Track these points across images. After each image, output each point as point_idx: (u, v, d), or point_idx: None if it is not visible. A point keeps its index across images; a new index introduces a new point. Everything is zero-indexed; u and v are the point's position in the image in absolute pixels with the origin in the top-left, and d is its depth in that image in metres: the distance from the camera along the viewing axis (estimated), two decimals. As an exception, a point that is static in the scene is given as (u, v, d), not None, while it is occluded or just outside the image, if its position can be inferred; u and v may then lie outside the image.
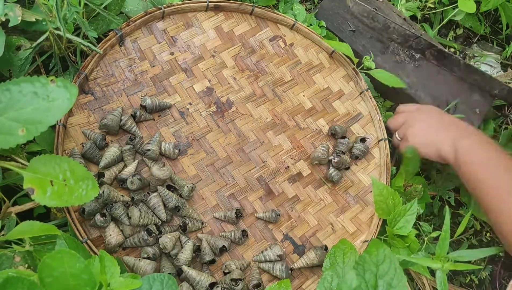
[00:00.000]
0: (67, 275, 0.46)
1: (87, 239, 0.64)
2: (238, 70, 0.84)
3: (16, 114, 0.47)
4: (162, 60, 0.80)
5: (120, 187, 0.70)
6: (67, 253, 0.46)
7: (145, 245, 0.67)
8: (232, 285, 0.67)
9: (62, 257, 0.46)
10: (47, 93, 0.46)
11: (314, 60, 0.89)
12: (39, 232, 0.53)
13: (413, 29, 0.95)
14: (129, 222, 0.67)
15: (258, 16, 0.88)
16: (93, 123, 0.73)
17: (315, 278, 0.74)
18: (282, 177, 0.79)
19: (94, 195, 0.51)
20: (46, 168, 0.50)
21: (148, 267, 0.64)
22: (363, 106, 0.88)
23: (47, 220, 0.69)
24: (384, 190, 0.76)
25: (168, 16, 0.82)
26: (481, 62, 1.03)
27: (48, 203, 0.49)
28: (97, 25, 0.78)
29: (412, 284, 0.79)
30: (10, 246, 0.57)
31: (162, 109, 0.77)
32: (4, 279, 0.46)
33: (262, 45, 0.87)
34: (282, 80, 0.86)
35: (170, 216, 0.71)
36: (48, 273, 0.45)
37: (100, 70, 0.76)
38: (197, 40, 0.83)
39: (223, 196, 0.75)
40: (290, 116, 0.84)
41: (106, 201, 0.66)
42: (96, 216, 0.65)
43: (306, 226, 0.77)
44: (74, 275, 0.46)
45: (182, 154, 0.76)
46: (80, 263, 0.46)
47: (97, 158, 0.69)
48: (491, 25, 1.07)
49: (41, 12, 0.66)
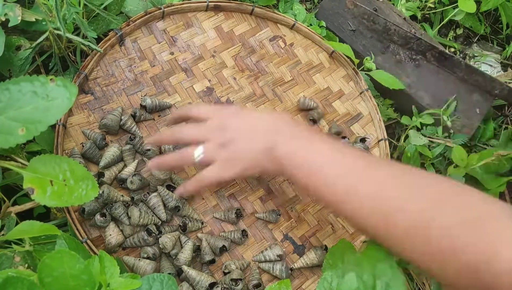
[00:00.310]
0: (67, 275, 0.46)
1: (87, 239, 0.64)
2: (238, 70, 0.84)
3: (16, 113, 0.47)
4: (162, 60, 0.80)
5: (120, 187, 0.70)
6: (67, 254, 0.46)
7: (145, 245, 0.67)
8: (232, 285, 0.67)
9: (61, 257, 0.46)
10: (47, 92, 0.47)
11: (314, 60, 0.89)
12: (39, 232, 0.53)
13: (413, 29, 0.95)
14: (129, 222, 0.67)
15: (258, 16, 0.88)
16: (93, 123, 0.73)
17: (315, 278, 0.74)
18: (282, 177, 0.79)
19: (94, 195, 0.51)
20: (46, 168, 0.50)
21: (148, 267, 0.64)
22: (363, 106, 0.88)
23: (47, 220, 0.69)
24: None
25: (168, 16, 0.82)
26: (481, 62, 1.03)
27: (48, 203, 0.49)
28: (97, 25, 0.78)
29: (412, 284, 0.79)
30: (10, 246, 0.57)
31: (162, 109, 0.77)
32: (4, 279, 0.46)
33: (262, 45, 0.87)
34: (282, 80, 0.86)
35: (170, 216, 0.71)
36: (47, 273, 0.45)
37: (100, 70, 0.76)
38: (197, 40, 0.83)
39: (223, 196, 0.75)
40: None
41: (106, 201, 0.66)
42: (96, 216, 0.65)
43: (306, 226, 0.77)
44: (74, 276, 0.46)
45: (182, 154, 0.76)
46: (80, 263, 0.46)
47: (97, 158, 0.69)
48: (491, 25, 1.07)
49: (41, 12, 0.67)
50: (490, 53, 1.04)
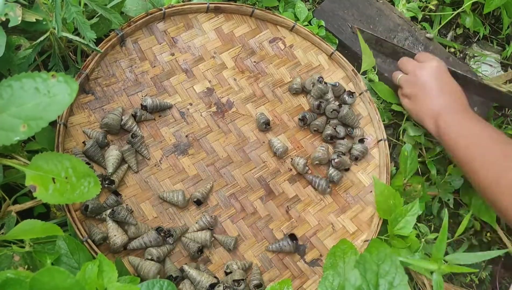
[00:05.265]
0: (59, 289, 0.45)
1: (87, 238, 0.63)
2: (238, 71, 0.84)
3: (18, 110, 0.46)
4: (163, 61, 0.80)
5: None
6: (57, 271, 0.45)
7: (156, 245, 0.67)
8: (234, 285, 0.67)
9: (52, 274, 0.45)
10: (48, 88, 0.46)
11: (313, 62, 0.89)
12: (40, 232, 0.53)
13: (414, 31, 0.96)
14: (135, 221, 0.67)
15: (258, 18, 0.88)
16: (93, 123, 0.73)
17: (316, 278, 0.74)
18: (282, 177, 0.79)
19: (96, 193, 0.51)
20: (48, 165, 0.50)
21: (153, 267, 0.64)
22: (362, 107, 0.88)
23: (47, 219, 0.69)
24: (385, 190, 0.76)
25: (168, 17, 0.82)
26: (481, 62, 1.03)
27: (50, 200, 0.48)
28: (98, 27, 0.77)
29: (412, 284, 0.79)
30: (10, 245, 0.57)
31: (163, 109, 0.77)
32: (3, 280, 0.46)
33: (262, 47, 0.87)
34: (282, 81, 0.86)
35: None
36: (39, 288, 0.45)
37: (101, 70, 0.76)
38: (198, 41, 0.84)
39: (224, 196, 0.75)
40: (290, 117, 0.84)
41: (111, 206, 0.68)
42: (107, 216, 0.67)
43: (306, 226, 0.77)
44: (66, 289, 0.45)
45: (183, 154, 0.76)
46: (71, 279, 0.45)
47: (98, 157, 0.69)
48: (491, 25, 1.08)
49: (41, 12, 0.66)
50: (490, 53, 1.04)
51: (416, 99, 0.82)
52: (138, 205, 0.71)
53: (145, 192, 0.72)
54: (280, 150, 0.78)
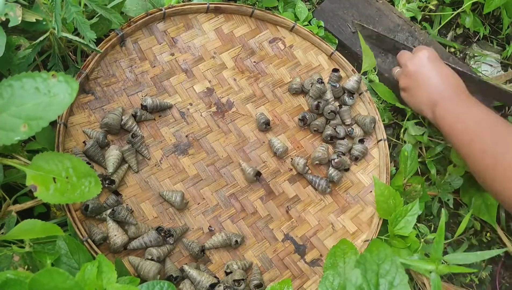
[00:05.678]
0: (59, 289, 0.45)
1: (87, 238, 0.63)
2: (238, 71, 0.84)
3: (18, 110, 0.46)
4: (163, 61, 0.80)
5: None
6: (56, 271, 0.45)
7: (156, 245, 0.67)
8: (234, 285, 0.67)
9: (51, 275, 0.45)
10: (49, 88, 0.46)
11: (313, 62, 0.89)
12: (41, 232, 0.53)
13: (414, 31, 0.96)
14: (135, 221, 0.67)
15: (258, 18, 0.88)
16: (93, 123, 0.73)
17: (316, 278, 0.74)
18: (282, 177, 0.79)
19: (97, 192, 0.51)
20: (49, 165, 0.50)
21: (153, 267, 0.64)
22: (362, 107, 0.88)
23: (47, 219, 0.69)
24: (386, 190, 0.76)
25: (168, 17, 0.82)
26: (481, 62, 1.03)
27: (51, 200, 0.48)
28: (98, 27, 0.77)
29: (412, 284, 0.79)
30: (9, 245, 0.57)
31: (163, 109, 0.77)
32: (3, 280, 0.45)
33: (262, 47, 0.87)
34: (282, 81, 0.86)
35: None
36: (39, 288, 0.45)
37: (101, 70, 0.76)
38: (198, 41, 0.84)
39: (224, 196, 0.75)
40: (290, 117, 0.84)
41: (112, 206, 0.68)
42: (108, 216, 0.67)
43: (306, 226, 0.77)
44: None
45: (183, 154, 0.76)
46: (70, 280, 0.45)
47: (98, 156, 0.69)
48: (491, 25, 1.08)
49: (41, 12, 0.66)
50: (490, 53, 1.05)
51: (412, 90, 0.82)
52: (138, 205, 0.71)
53: (145, 192, 0.72)
54: (280, 150, 0.78)
